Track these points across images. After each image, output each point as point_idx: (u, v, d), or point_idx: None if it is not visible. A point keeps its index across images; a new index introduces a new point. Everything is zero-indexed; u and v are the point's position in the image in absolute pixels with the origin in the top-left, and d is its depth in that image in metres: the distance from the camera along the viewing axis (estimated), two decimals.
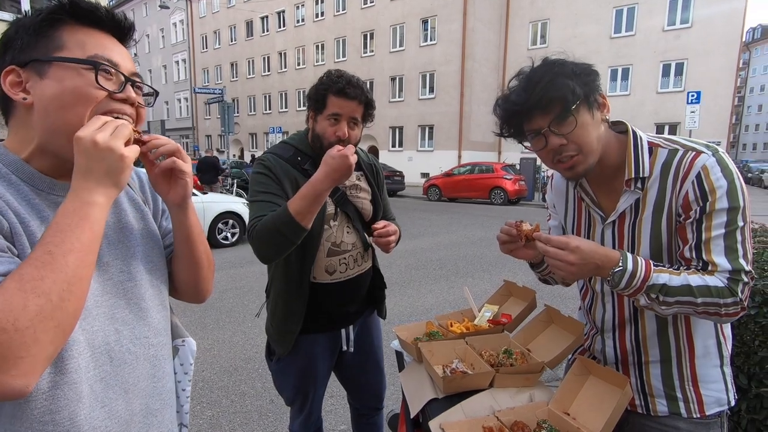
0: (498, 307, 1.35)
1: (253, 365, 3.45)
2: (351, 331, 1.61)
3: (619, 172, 1.03)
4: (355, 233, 1.54)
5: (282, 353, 1.54)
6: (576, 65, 0.97)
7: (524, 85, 1.00)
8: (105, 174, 0.66)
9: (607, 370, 1.01)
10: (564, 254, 0.92)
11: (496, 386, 1.04)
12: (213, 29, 34.03)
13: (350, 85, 1.38)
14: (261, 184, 1.41)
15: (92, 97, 0.70)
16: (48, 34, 0.70)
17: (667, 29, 19.25)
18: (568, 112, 0.94)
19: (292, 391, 1.63)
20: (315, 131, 1.44)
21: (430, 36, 23.01)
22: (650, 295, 0.91)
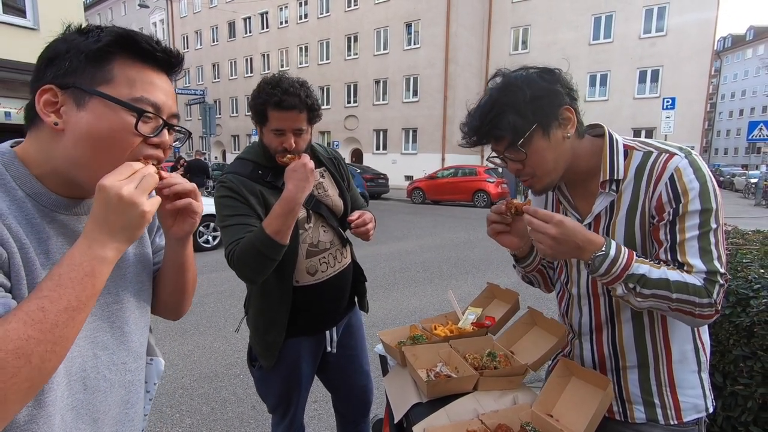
0: (482, 310, 1.35)
1: (234, 371, 3.38)
2: (335, 333, 1.59)
3: (595, 175, 1.04)
4: (331, 230, 1.54)
5: (268, 365, 1.51)
6: (533, 87, 0.96)
7: (475, 114, 1.02)
8: (122, 228, 0.64)
9: (589, 371, 1.02)
10: (547, 227, 0.92)
11: (480, 389, 1.04)
12: (194, 29, 33.53)
13: (288, 95, 1.32)
14: (229, 208, 1.38)
15: (128, 143, 0.68)
16: (99, 63, 0.66)
17: (643, 37, 19.83)
18: (515, 147, 0.97)
19: (276, 399, 1.60)
20: (262, 141, 1.43)
21: (414, 39, 23.16)
22: (628, 284, 0.91)
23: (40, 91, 0.66)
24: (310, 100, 1.36)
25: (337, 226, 1.56)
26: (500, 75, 1.03)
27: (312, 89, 1.40)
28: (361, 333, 1.74)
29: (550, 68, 1.01)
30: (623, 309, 1.05)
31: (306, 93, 1.35)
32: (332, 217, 1.55)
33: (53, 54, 0.67)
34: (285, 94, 1.31)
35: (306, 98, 1.34)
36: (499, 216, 1.11)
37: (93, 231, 0.63)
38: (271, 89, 1.32)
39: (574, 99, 1.00)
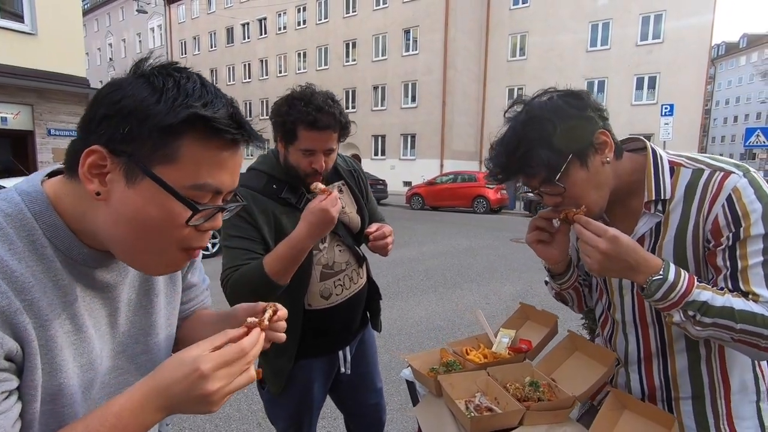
0: (515, 332, 1.27)
1: None
2: (348, 352, 1.51)
3: (636, 193, 0.96)
4: (347, 250, 1.44)
5: (276, 392, 1.42)
6: (562, 116, 0.88)
7: (500, 150, 0.95)
8: (180, 407, 0.56)
9: (648, 406, 0.94)
10: (598, 240, 0.84)
11: (525, 424, 0.96)
12: (192, 35, 33.54)
13: (322, 113, 1.21)
14: (234, 228, 1.27)
15: (176, 235, 0.58)
16: (166, 137, 0.54)
17: (640, 44, 19.98)
18: (552, 182, 0.90)
19: (286, 423, 1.51)
20: (288, 161, 1.30)
21: (412, 46, 23.24)
22: (687, 312, 0.83)
23: (88, 151, 0.54)
24: (344, 118, 1.27)
25: (353, 245, 1.46)
26: (520, 103, 0.96)
27: (341, 104, 1.31)
28: (374, 350, 1.66)
29: (576, 92, 0.93)
30: (677, 339, 0.97)
31: (339, 110, 1.26)
32: (348, 235, 1.45)
33: (115, 110, 0.54)
34: (319, 112, 1.20)
35: (340, 116, 1.25)
36: (546, 222, 1.03)
37: (156, 395, 0.54)
38: (303, 107, 1.21)
39: (605, 119, 0.92)
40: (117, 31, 38.54)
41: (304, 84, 1.29)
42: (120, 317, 0.67)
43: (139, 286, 0.71)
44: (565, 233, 1.04)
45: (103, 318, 0.64)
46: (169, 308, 0.77)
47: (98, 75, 37.49)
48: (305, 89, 1.27)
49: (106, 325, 0.65)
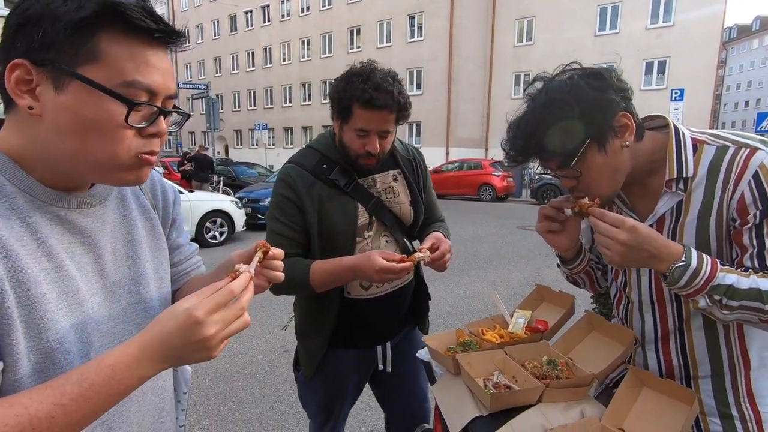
0: (531, 313, 1.27)
1: (249, 370, 3.33)
2: (388, 349, 1.44)
3: (657, 171, 0.94)
4: (394, 242, 1.37)
5: (307, 375, 1.42)
6: (582, 100, 0.86)
7: (517, 133, 0.93)
8: (181, 358, 0.57)
9: (667, 382, 0.94)
10: (616, 232, 0.83)
11: (544, 401, 0.97)
12: (195, 23, 33.27)
13: (379, 91, 1.15)
14: (280, 211, 1.28)
15: (119, 136, 0.58)
16: (82, 36, 0.54)
17: (650, 28, 19.57)
18: (568, 167, 0.89)
19: (316, 408, 1.51)
20: (342, 139, 1.27)
21: (417, 32, 22.93)
22: (713, 296, 0.82)
23: (10, 66, 0.54)
24: (403, 98, 1.20)
25: (402, 238, 1.39)
26: (541, 80, 0.93)
27: (403, 84, 1.24)
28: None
29: (598, 71, 0.89)
30: (694, 316, 0.97)
31: (399, 89, 1.19)
32: (397, 227, 1.38)
33: (24, 20, 0.54)
34: (376, 90, 1.15)
35: (399, 96, 1.19)
36: (555, 212, 1.02)
37: (152, 348, 0.55)
38: (361, 83, 1.16)
39: (629, 100, 0.90)
40: None
41: (366, 60, 1.25)
42: (107, 265, 0.68)
43: (122, 237, 0.72)
44: (576, 221, 1.03)
45: (88, 264, 0.65)
46: (155, 261, 0.77)
47: None
48: (365, 66, 1.22)
49: (92, 272, 0.66)
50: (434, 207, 1.54)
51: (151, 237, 0.78)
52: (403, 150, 1.44)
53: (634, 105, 0.91)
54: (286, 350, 3.64)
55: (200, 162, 11.68)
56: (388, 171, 1.38)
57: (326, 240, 1.29)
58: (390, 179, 1.38)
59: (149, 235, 0.78)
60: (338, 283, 1.26)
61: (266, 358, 3.52)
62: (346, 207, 1.29)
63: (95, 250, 0.67)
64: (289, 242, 1.26)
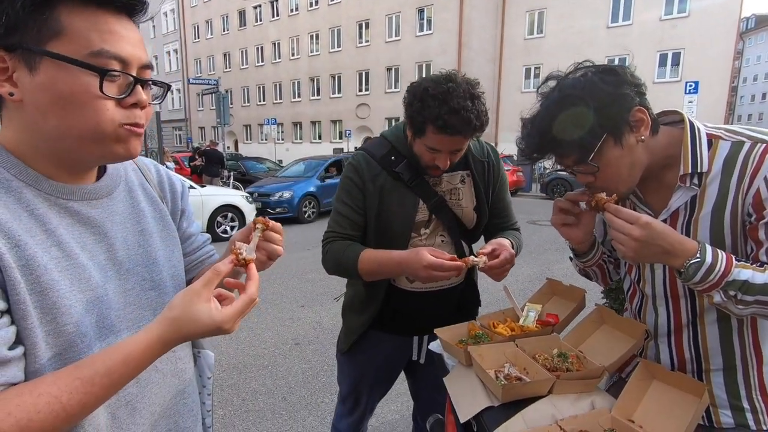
0: (541, 307, 1.29)
1: (261, 362, 3.39)
2: (425, 341, 1.44)
3: (671, 166, 0.95)
4: (450, 243, 1.36)
5: (342, 348, 1.50)
6: (597, 96, 0.86)
7: (532, 130, 0.93)
8: (186, 337, 0.61)
9: (677, 375, 0.95)
10: (630, 228, 0.84)
11: (555, 392, 0.98)
12: (205, 18, 33.44)
13: (455, 116, 1.09)
14: (347, 193, 1.34)
15: (98, 108, 0.58)
16: (41, 12, 0.54)
17: (665, 18, 19.18)
18: (585, 162, 0.89)
19: (348, 388, 1.57)
20: (413, 147, 1.27)
21: (426, 25, 22.77)
22: (728, 292, 0.83)
23: None
24: (480, 120, 1.14)
25: (460, 240, 1.37)
26: (553, 79, 0.94)
27: (483, 99, 1.18)
28: None
29: (612, 67, 0.91)
30: (708, 311, 0.98)
31: (476, 112, 1.13)
32: (457, 229, 1.36)
33: None
34: (451, 114, 1.10)
35: (476, 120, 1.13)
36: (571, 204, 1.03)
37: (172, 341, 0.60)
38: (437, 107, 1.10)
39: (643, 95, 0.90)
40: None
41: (445, 72, 1.19)
42: (119, 254, 0.69)
43: (132, 228, 0.73)
44: (591, 214, 1.04)
45: (100, 253, 0.67)
46: (167, 250, 0.79)
47: None
48: (442, 82, 1.14)
49: (106, 260, 0.67)
50: (507, 212, 1.48)
51: (161, 226, 0.79)
52: (477, 151, 1.38)
53: (648, 100, 0.92)
54: (297, 343, 3.70)
55: (210, 157, 11.80)
56: (457, 171, 1.36)
57: (382, 230, 1.32)
58: (457, 180, 1.36)
59: (159, 224, 0.79)
60: (385, 275, 1.29)
61: (278, 351, 3.58)
62: (405, 200, 1.30)
63: (107, 239, 0.68)
64: (351, 224, 1.33)
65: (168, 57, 36.98)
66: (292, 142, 28.81)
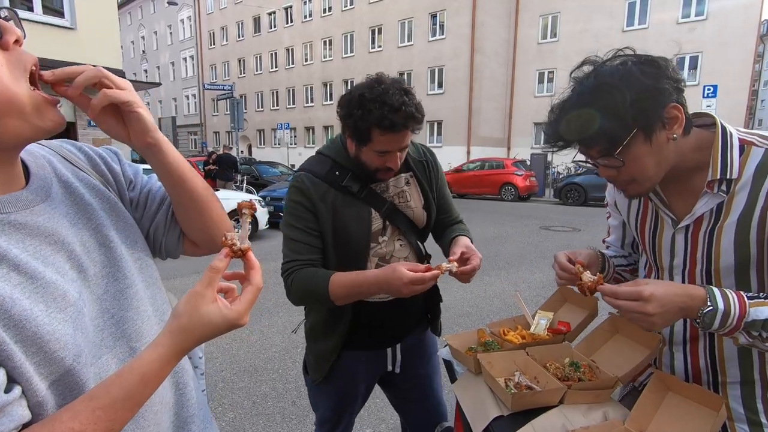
0: (553, 314, 1.27)
1: (272, 365, 3.40)
2: (398, 350, 1.44)
3: (698, 170, 0.92)
4: (407, 246, 1.37)
5: (316, 379, 1.41)
6: (634, 87, 0.82)
7: (561, 115, 0.89)
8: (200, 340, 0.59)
9: (694, 387, 0.93)
10: (638, 305, 0.82)
11: (566, 402, 0.97)
12: (220, 25, 34.00)
13: (398, 114, 1.12)
14: (296, 218, 1.27)
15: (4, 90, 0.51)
16: None
17: (681, 22, 18.88)
18: (611, 155, 0.86)
19: (329, 412, 1.50)
20: (360, 158, 1.25)
21: (439, 30, 22.79)
22: (750, 332, 0.81)
23: None
24: (419, 112, 1.18)
25: (416, 241, 1.39)
26: (590, 64, 0.90)
27: (414, 92, 1.21)
28: (434, 351, 1.56)
29: (654, 59, 0.86)
30: None
31: (415, 104, 1.16)
32: (411, 230, 1.37)
33: None
34: (395, 113, 1.12)
35: (416, 112, 1.16)
36: (569, 277, 1.05)
37: (187, 348, 0.58)
38: (378, 108, 1.12)
39: (681, 91, 0.86)
40: (149, 23, 39.54)
41: (373, 76, 1.21)
42: (81, 258, 0.63)
43: (85, 227, 0.66)
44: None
45: (63, 264, 0.60)
46: (128, 242, 0.72)
47: (132, 67, 38.73)
48: (375, 86, 1.16)
49: (71, 270, 0.61)
50: (450, 207, 1.52)
51: (114, 218, 0.71)
52: (414, 152, 1.41)
53: (685, 97, 0.88)
54: None
55: (224, 161, 11.95)
56: (400, 175, 1.36)
57: (341, 246, 1.29)
58: (402, 183, 1.37)
59: (111, 216, 0.71)
60: (362, 296, 1.22)
61: (288, 355, 3.59)
62: (360, 214, 1.28)
63: (64, 247, 0.61)
64: (308, 248, 1.27)
65: (184, 63, 37.66)
66: (304, 146, 29.02)
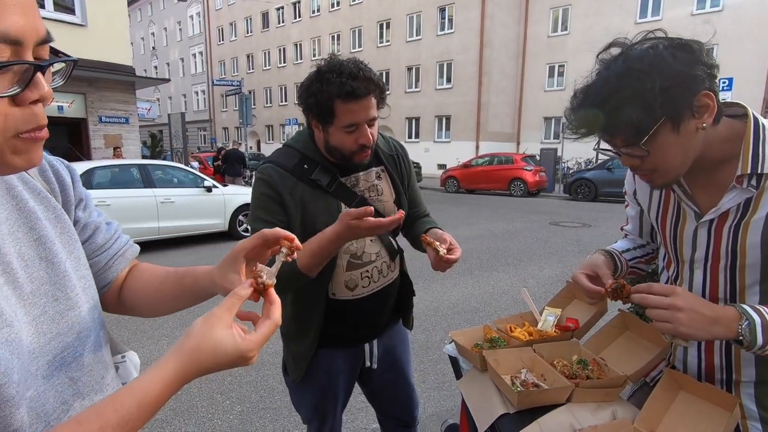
0: (561, 311, 1.25)
1: (279, 359, 3.39)
2: (375, 346, 1.44)
3: (726, 163, 0.87)
4: (379, 241, 1.35)
5: (296, 378, 1.39)
6: (665, 73, 0.77)
7: (585, 102, 0.85)
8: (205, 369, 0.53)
9: (707, 386, 0.90)
10: (669, 300, 0.79)
11: (574, 401, 0.95)
12: (229, 21, 34.11)
13: (358, 80, 1.10)
14: (262, 209, 1.22)
15: None
16: None
17: (696, 13, 18.49)
18: (636, 145, 0.82)
19: (310, 412, 1.49)
20: (329, 143, 1.21)
21: (448, 24, 22.61)
22: None
23: None
24: (381, 82, 1.16)
25: (387, 237, 1.36)
26: (618, 46, 0.85)
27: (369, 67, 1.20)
28: (406, 345, 1.58)
29: (687, 43, 0.80)
30: None
31: (370, 71, 1.14)
32: None
33: None
34: (354, 79, 1.09)
35: (376, 80, 1.14)
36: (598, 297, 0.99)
37: (189, 366, 0.51)
38: (336, 77, 1.09)
39: (714, 78, 0.80)
40: (158, 20, 39.78)
41: (327, 56, 1.19)
42: (19, 275, 0.54)
43: (25, 236, 0.57)
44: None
45: None
46: (73, 258, 0.63)
47: (143, 64, 39.03)
48: (331, 60, 1.16)
49: (5, 285, 0.52)
50: (420, 201, 1.51)
51: (59, 230, 0.62)
52: (385, 146, 1.39)
53: (717, 84, 0.83)
54: None
55: (232, 157, 12.02)
56: (371, 169, 1.34)
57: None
58: (373, 177, 1.34)
59: (56, 227, 0.62)
60: (331, 255, 1.16)
61: None
62: (329, 208, 1.25)
63: (0, 258, 0.53)
64: None
65: (193, 59, 37.86)
66: None
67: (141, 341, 3.80)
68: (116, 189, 6.63)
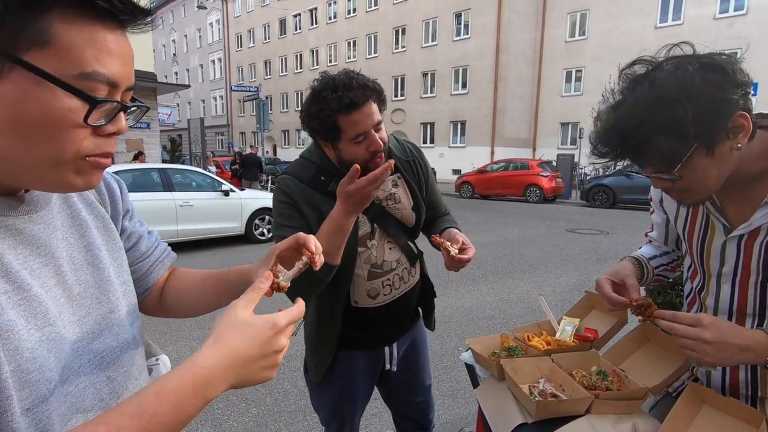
0: (579, 321, 1.23)
1: (294, 363, 3.44)
2: (395, 349, 1.45)
3: (761, 178, 0.85)
4: (398, 249, 1.35)
5: (315, 380, 1.41)
6: (697, 99, 0.72)
7: (613, 130, 0.81)
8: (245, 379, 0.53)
9: (731, 401, 0.88)
10: (696, 331, 0.77)
11: (593, 413, 0.94)
12: (247, 28, 34.74)
13: (354, 90, 1.11)
14: (284, 216, 1.24)
15: (72, 137, 0.48)
16: (29, 14, 0.44)
17: (719, 17, 18.08)
18: (669, 172, 0.79)
19: (329, 413, 1.50)
20: (342, 158, 1.20)
21: (464, 30, 22.61)
22: None
23: None
24: (378, 86, 1.18)
25: (406, 242, 1.37)
26: (643, 64, 0.82)
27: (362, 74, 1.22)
28: (425, 348, 1.59)
29: (719, 63, 0.75)
30: None
31: (364, 78, 1.16)
32: (401, 232, 1.35)
33: None
34: (350, 90, 1.11)
35: (374, 86, 1.16)
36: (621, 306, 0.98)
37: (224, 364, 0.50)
38: (332, 93, 1.11)
39: (747, 95, 0.76)
40: (179, 27, 40.75)
41: (318, 77, 1.20)
42: (67, 276, 0.58)
43: (76, 242, 0.62)
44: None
45: (49, 279, 0.56)
46: (116, 265, 0.67)
47: (164, 70, 39.99)
48: (322, 78, 1.17)
49: (55, 286, 0.56)
50: (439, 202, 1.52)
51: (106, 237, 0.67)
52: (400, 151, 1.38)
53: (751, 101, 0.80)
54: None
55: (249, 161, 12.21)
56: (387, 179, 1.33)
57: None
58: (390, 186, 1.33)
59: (104, 235, 0.67)
60: (344, 235, 1.11)
61: None
62: None
63: (53, 260, 0.57)
64: None
65: (212, 65, 38.64)
66: None
67: (159, 342, 3.87)
68: (137, 192, 6.79)
